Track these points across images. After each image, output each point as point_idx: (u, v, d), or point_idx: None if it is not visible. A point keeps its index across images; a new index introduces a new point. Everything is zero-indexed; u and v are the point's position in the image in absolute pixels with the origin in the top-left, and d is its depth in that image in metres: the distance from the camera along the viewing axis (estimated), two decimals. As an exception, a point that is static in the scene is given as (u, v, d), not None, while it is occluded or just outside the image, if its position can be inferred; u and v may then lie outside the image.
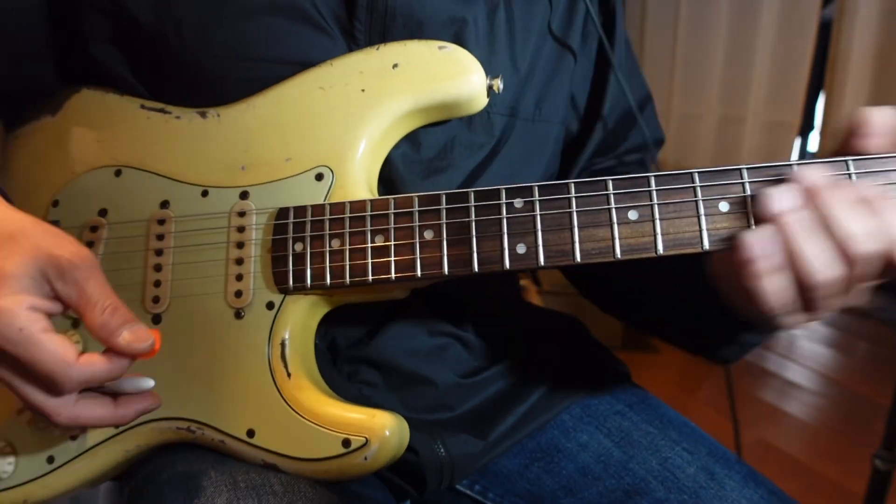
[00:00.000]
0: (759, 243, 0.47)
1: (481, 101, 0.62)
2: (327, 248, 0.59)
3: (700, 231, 0.52)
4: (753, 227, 0.51)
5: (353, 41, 0.63)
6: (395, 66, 0.61)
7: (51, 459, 0.63)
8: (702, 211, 0.53)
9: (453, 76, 0.61)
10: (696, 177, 0.53)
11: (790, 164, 0.51)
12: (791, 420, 2.35)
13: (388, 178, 0.64)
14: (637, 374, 0.82)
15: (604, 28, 0.74)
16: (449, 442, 0.66)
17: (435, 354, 0.71)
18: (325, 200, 0.60)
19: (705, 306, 0.61)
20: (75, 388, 0.50)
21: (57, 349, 0.48)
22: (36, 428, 0.62)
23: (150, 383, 0.57)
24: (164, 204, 0.64)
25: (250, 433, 0.59)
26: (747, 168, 0.52)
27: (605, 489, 0.69)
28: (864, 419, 2.29)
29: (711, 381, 2.51)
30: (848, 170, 0.51)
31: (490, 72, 0.61)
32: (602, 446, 0.72)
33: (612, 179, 0.54)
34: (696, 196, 0.53)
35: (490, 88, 0.61)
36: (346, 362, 0.68)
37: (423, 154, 0.65)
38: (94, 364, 0.50)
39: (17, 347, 0.47)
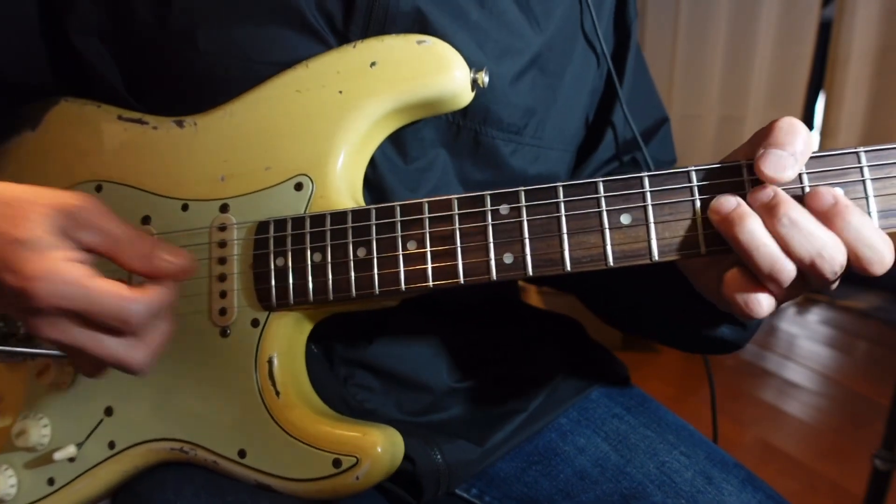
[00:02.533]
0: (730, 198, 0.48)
1: (466, 97, 0.59)
2: (309, 263, 0.57)
3: (698, 234, 0.49)
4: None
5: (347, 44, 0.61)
6: (372, 64, 0.58)
7: (51, 481, 0.63)
8: (698, 211, 0.50)
9: (434, 72, 0.57)
10: (693, 175, 0.50)
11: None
12: (791, 420, 2.35)
13: (375, 184, 0.63)
14: (636, 374, 0.82)
15: (617, 45, 0.73)
16: (446, 448, 0.66)
17: (431, 358, 0.71)
18: (305, 211, 0.58)
19: (689, 299, 0.60)
20: (144, 322, 0.49)
21: (112, 289, 0.47)
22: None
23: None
24: (146, 219, 0.63)
25: (241, 454, 0.59)
26: (746, 164, 0.49)
27: (602, 493, 0.69)
28: (864, 419, 2.29)
29: (711, 381, 2.50)
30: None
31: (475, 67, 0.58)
32: (599, 450, 0.72)
33: (603, 181, 0.51)
34: (692, 196, 0.50)
35: (475, 82, 0.58)
36: (341, 366, 0.68)
37: (409, 165, 0.64)
38: (151, 292, 0.49)
39: (75, 301, 0.46)
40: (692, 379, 2.52)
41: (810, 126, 3.20)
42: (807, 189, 0.48)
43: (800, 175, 0.48)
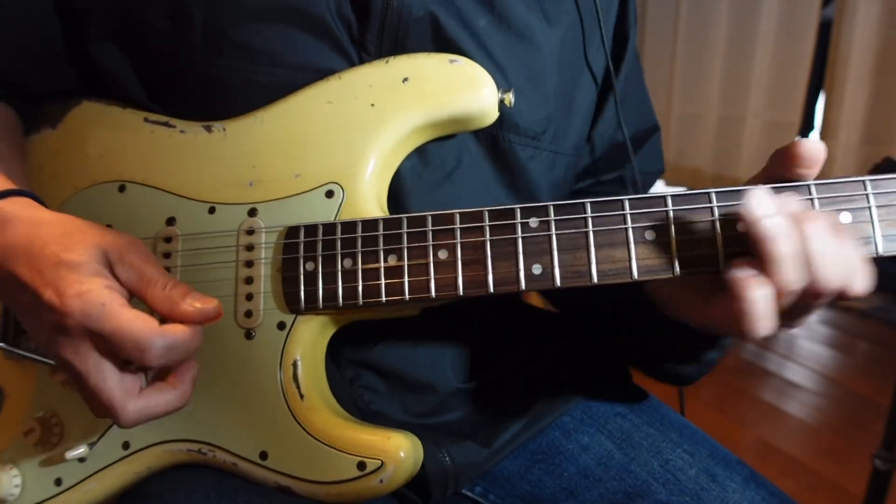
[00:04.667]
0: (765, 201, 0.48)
1: (493, 115, 0.61)
2: (339, 268, 0.58)
3: (717, 251, 0.52)
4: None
5: (364, 51, 0.62)
6: (405, 79, 0.60)
7: (59, 482, 0.62)
8: (718, 231, 0.52)
9: (465, 90, 0.59)
10: (714, 196, 0.53)
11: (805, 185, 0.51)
12: (791, 420, 2.35)
13: (394, 187, 0.63)
14: (637, 373, 0.82)
15: (613, 53, 0.74)
16: (453, 450, 0.66)
17: (436, 360, 0.71)
18: (335, 218, 0.59)
19: (660, 328, 0.62)
20: (160, 357, 0.51)
21: (140, 317, 0.50)
22: (43, 447, 0.62)
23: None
24: (171, 221, 0.63)
25: (263, 455, 0.59)
26: (766, 188, 0.51)
27: (606, 491, 0.69)
28: (864, 419, 2.29)
29: (711, 381, 2.51)
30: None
31: (506, 86, 0.60)
32: (603, 448, 0.72)
33: (629, 199, 0.54)
34: (713, 216, 0.52)
35: (501, 102, 0.60)
36: (348, 367, 0.68)
37: (431, 170, 0.64)
38: (176, 330, 0.52)
39: (101, 322, 0.49)
40: (691, 379, 2.52)
41: (810, 126, 3.21)
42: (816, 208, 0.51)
43: (811, 201, 0.52)
